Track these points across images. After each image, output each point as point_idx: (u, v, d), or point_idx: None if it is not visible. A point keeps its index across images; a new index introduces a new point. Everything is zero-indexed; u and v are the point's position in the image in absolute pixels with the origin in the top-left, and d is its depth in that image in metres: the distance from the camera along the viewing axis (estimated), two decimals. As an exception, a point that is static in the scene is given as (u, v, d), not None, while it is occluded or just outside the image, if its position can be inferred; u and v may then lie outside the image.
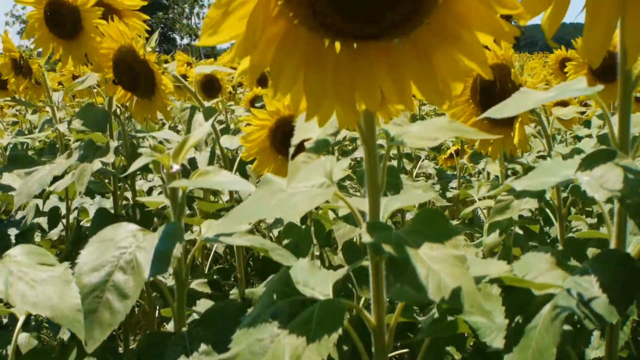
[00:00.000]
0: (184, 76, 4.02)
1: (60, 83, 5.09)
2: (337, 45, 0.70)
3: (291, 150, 0.80)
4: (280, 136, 1.67)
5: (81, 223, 2.49)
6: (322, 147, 0.79)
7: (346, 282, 1.39)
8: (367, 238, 0.81)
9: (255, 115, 1.65)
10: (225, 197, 2.48)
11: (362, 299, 1.46)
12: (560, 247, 1.56)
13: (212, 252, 2.45)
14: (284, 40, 0.69)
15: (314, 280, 1.02)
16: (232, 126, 3.11)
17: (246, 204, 0.90)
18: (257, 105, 3.02)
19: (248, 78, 0.68)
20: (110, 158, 1.93)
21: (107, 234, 1.07)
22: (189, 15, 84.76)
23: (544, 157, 2.02)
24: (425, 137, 0.83)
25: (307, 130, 0.80)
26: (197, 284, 1.88)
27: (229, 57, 0.67)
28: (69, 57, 1.88)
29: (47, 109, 2.88)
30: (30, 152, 3.88)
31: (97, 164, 1.90)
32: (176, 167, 1.07)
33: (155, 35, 1.88)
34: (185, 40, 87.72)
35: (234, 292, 1.99)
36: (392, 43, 0.70)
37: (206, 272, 2.34)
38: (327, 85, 0.70)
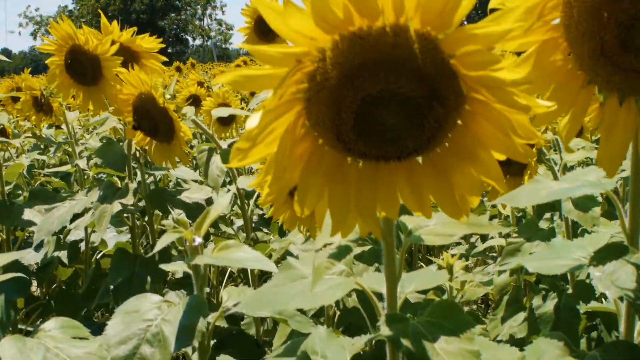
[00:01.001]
0: (196, 97, 4.06)
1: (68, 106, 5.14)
2: (360, 161, 0.74)
3: (316, 258, 0.83)
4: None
5: (98, 256, 2.53)
6: (344, 253, 0.83)
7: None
8: (385, 331, 0.84)
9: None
10: (239, 222, 2.52)
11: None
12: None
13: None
14: (310, 159, 0.73)
15: (332, 351, 1.05)
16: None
17: (267, 289, 0.94)
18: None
19: (277, 197, 0.72)
20: (129, 200, 1.97)
21: (132, 306, 1.11)
22: (201, 16, 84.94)
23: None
24: (441, 234, 0.87)
25: (328, 235, 0.84)
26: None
27: (258, 181, 0.70)
28: (89, 103, 1.93)
29: (63, 126, 2.93)
30: (46, 170, 3.94)
31: (117, 206, 1.94)
32: (199, 240, 1.11)
33: (173, 82, 1.91)
34: (198, 42, 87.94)
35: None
36: (412, 160, 0.73)
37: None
38: (351, 202, 0.73)
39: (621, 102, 0.78)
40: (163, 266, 1.24)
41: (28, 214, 2.32)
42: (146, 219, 2.18)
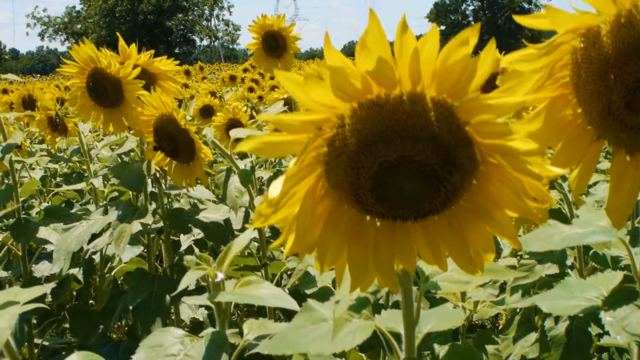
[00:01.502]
0: (209, 108, 4.09)
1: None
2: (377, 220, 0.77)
3: (336, 310, 0.86)
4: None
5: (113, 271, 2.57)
6: (364, 305, 0.86)
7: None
8: (403, 375, 0.87)
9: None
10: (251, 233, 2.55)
11: None
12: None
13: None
14: (329, 218, 0.76)
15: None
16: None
17: (289, 331, 0.97)
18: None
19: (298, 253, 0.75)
20: (148, 219, 2.01)
21: (156, 340, 1.14)
22: (209, 17, 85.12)
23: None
24: (457, 281, 0.89)
25: (348, 289, 0.86)
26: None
27: (280, 241, 0.73)
28: (110, 124, 1.96)
29: (77, 139, 2.98)
30: (58, 179, 3.99)
31: (136, 226, 1.98)
32: (221, 276, 1.14)
33: (193, 103, 1.95)
34: (205, 42, 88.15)
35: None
36: (428, 218, 0.76)
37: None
38: (369, 260, 0.76)
39: (629, 157, 0.80)
40: (185, 299, 1.27)
41: (43, 232, 2.36)
42: (162, 237, 2.21)
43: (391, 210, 0.73)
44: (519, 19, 0.76)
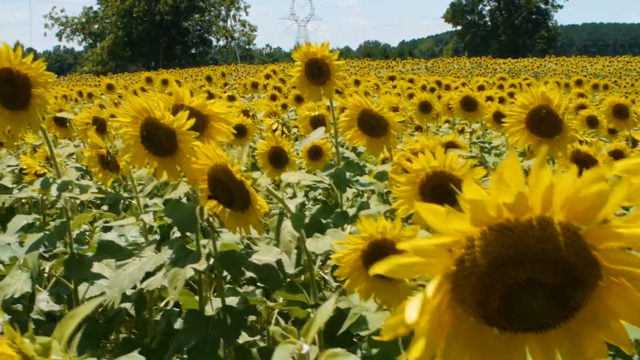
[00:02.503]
0: (242, 128, 4.11)
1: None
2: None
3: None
4: (371, 258, 1.76)
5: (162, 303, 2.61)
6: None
7: None
8: None
9: (349, 241, 1.74)
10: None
11: None
12: None
13: None
14: (451, 328, 0.79)
15: None
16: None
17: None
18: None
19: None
20: (202, 265, 2.04)
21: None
22: (225, 17, 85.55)
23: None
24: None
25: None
26: None
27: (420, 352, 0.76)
28: (163, 172, 1.99)
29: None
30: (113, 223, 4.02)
31: (189, 271, 2.01)
32: (306, 349, 1.17)
33: (245, 151, 1.97)
34: (222, 42, 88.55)
35: None
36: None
37: None
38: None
39: None
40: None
41: (97, 268, 2.40)
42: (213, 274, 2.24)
43: (514, 325, 0.76)
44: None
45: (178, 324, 2.42)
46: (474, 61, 49.15)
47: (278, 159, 3.09)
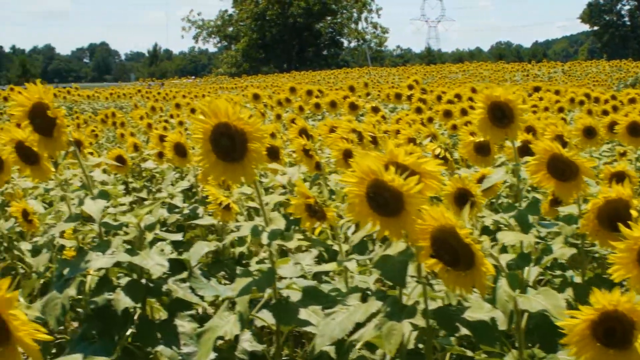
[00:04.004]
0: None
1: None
2: None
3: None
4: (601, 329, 1.75)
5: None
6: None
7: None
8: None
9: (582, 312, 1.74)
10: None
11: None
12: None
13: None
14: None
15: None
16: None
17: None
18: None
19: None
20: (418, 321, 2.05)
21: None
22: (357, 19, 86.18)
23: None
24: None
25: None
26: None
27: None
28: (386, 231, 2.05)
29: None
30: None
31: (407, 327, 2.03)
32: None
33: (467, 211, 2.00)
34: (353, 44, 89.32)
35: None
36: None
37: None
38: None
39: None
40: None
41: (304, 314, 2.47)
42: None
43: None
44: None
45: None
46: (614, 64, 46.64)
47: (463, 202, 3.09)
